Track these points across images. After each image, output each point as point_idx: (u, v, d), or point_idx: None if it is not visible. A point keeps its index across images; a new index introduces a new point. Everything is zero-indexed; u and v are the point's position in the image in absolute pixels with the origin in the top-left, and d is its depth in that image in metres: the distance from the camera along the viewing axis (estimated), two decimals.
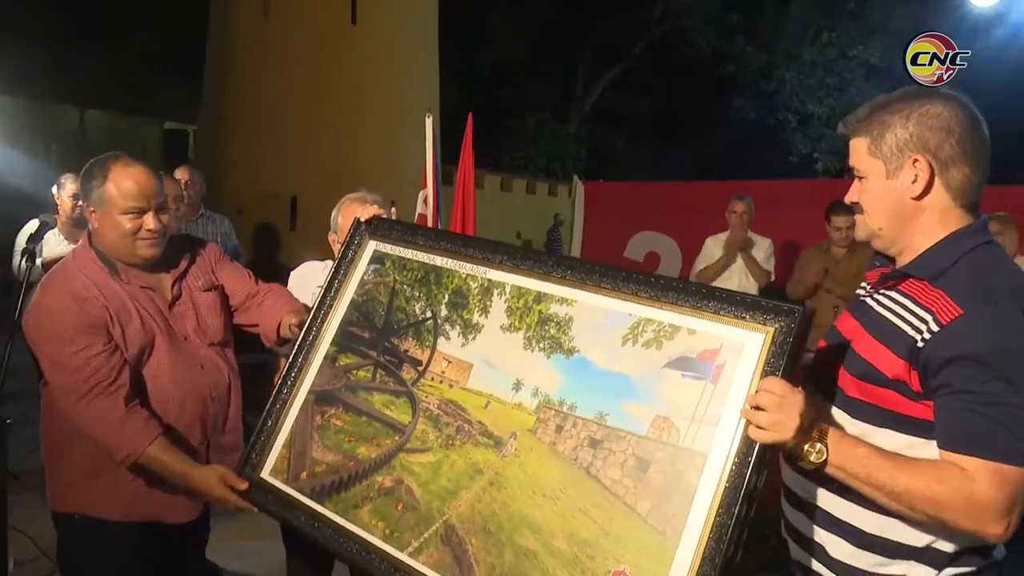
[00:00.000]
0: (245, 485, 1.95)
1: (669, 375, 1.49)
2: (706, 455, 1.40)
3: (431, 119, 4.57)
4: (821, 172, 18.82)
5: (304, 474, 1.90)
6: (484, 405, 1.73)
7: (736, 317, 1.45)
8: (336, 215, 2.72)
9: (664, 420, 1.47)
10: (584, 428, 1.56)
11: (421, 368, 1.87)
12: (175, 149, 13.65)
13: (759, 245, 5.25)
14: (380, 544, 1.70)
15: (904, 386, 1.43)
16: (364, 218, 2.13)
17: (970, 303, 1.36)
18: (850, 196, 1.59)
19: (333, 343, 2.02)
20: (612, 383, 1.56)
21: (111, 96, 14.13)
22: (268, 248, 8.69)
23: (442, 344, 1.86)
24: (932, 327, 1.38)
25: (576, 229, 6.85)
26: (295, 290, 2.61)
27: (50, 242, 4.32)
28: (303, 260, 2.88)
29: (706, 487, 1.37)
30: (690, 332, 1.50)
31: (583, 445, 1.55)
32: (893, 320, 1.47)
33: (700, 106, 20.99)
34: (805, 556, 1.62)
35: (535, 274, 1.76)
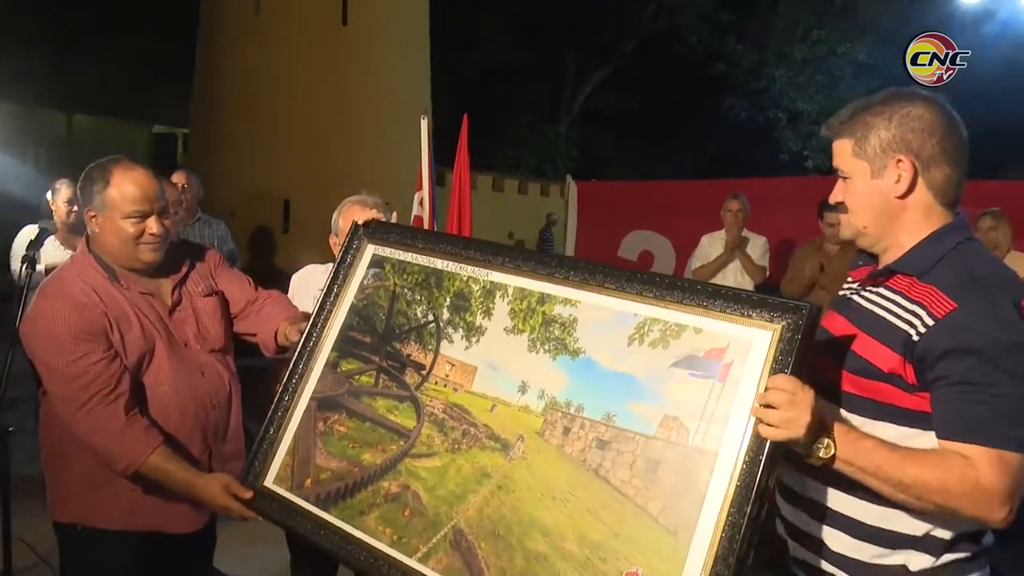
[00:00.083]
0: (249, 494, 1.93)
1: (676, 374, 1.49)
2: (716, 454, 1.39)
3: (426, 121, 4.56)
4: (812, 169, 18.83)
5: (308, 481, 1.88)
6: (490, 408, 1.71)
7: (742, 315, 1.44)
8: (336, 218, 2.71)
9: (673, 420, 1.46)
10: (592, 429, 1.55)
11: (424, 372, 1.85)
12: (164, 153, 13.55)
13: (754, 243, 5.28)
14: (388, 550, 1.68)
15: (899, 379, 1.45)
16: (361, 222, 2.12)
17: (962, 296, 1.40)
18: (835, 196, 1.64)
19: (334, 348, 2.00)
20: (619, 383, 1.55)
21: (99, 100, 14.06)
22: (262, 251, 8.64)
23: (445, 347, 1.84)
24: (926, 321, 1.41)
25: (570, 229, 6.86)
26: (297, 293, 2.59)
27: (47, 249, 4.28)
28: (297, 262, 2.87)
29: (717, 486, 1.37)
30: (696, 331, 1.49)
31: (591, 446, 1.54)
32: (885, 316, 1.50)
33: (690, 105, 20.99)
34: (805, 552, 1.64)
35: (538, 275, 1.75)
